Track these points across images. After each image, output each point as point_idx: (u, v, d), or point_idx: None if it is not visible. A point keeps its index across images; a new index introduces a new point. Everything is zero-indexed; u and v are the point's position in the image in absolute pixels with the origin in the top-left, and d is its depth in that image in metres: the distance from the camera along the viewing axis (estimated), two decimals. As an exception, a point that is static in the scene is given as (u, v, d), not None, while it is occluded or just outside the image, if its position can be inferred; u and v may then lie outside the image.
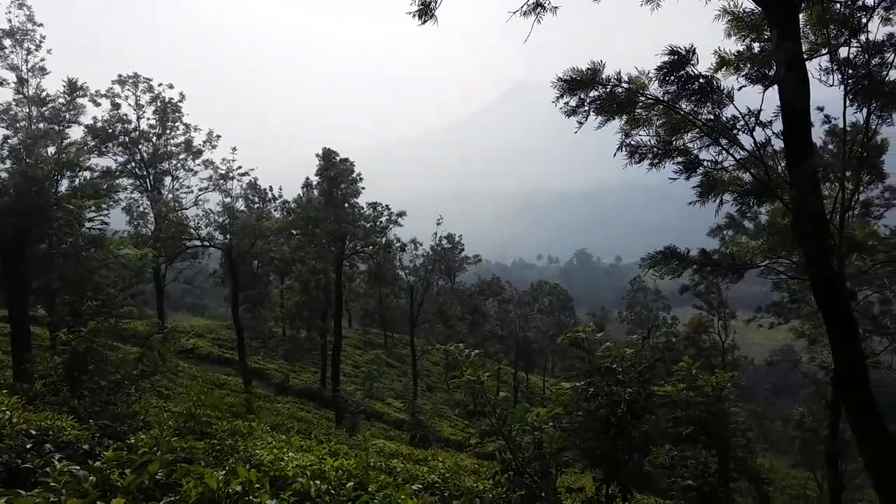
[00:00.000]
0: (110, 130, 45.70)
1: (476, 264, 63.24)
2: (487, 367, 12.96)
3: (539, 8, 12.40)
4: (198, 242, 38.83)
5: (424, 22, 12.78)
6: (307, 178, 47.54)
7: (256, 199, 55.92)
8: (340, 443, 20.75)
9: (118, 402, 12.21)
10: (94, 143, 45.08)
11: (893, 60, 10.50)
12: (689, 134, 11.80)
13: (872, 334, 19.04)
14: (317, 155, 42.12)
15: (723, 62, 12.06)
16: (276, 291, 60.28)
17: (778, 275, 15.45)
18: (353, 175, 42.27)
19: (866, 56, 10.47)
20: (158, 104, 47.49)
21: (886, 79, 10.54)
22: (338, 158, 41.69)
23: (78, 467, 5.13)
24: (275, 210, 54.64)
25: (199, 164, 47.59)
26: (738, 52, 12.21)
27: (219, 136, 48.54)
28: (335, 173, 40.74)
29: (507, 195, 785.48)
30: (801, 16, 11.43)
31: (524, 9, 12.42)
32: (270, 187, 57.98)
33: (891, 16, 10.72)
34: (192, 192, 46.39)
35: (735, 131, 10.90)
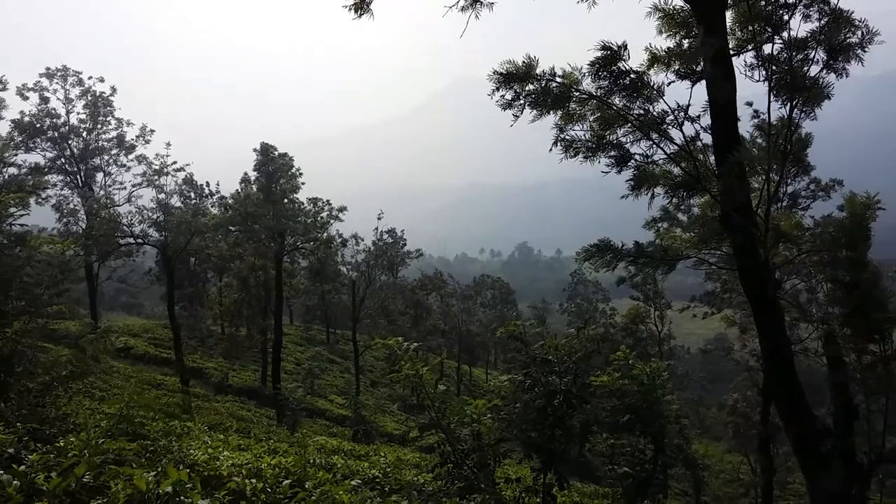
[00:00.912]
0: (38, 125, 44.07)
1: (418, 259, 63.19)
2: (429, 362, 13.01)
3: (476, 3, 12.50)
4: (131, 240, 37.79)
5: (360, 15, 12.73)
6: (245, 174, 46.72)
7: (193, 195, 54.73)
8: (281, 441, 20.51)
9: (47, 404, 11.81)
10: (20, 139, 43.46)
11: (815, 57, 10.88)
12: (622, 129, 12.03)
13: (799, 322, 19.74)
14: (255, 150, 41.47)
15: (654, 58, 12.32)
16: (214, 289, 59.15)
17: (709, 266, 15.89)
18: (293, 170, 41.73)
19: (789, 52, 10.83)
20: (89, 98, 45.98)
21: (808, 74, 10.91)
22: (276, 153, 41.11)
23: (1, 471, 4.97)
24: (212, 206, 53.59)
25: (132, 160, 46.33)
26: (669, 48, 12.50)
27: (152, 131, 47.33)
28: (273, 168, 40.17)
29: (449, 189, 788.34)
30: (728, 13, 11.77)
31: (462, 4, 12.50)
32: (207, 182, 56.72)
33: (811, 13, 11.11)
34: (125, 188, 45.19)
35: (665, 126, 11.15)
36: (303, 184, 42.39)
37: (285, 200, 40.58)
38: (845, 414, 12.70)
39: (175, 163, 38.07)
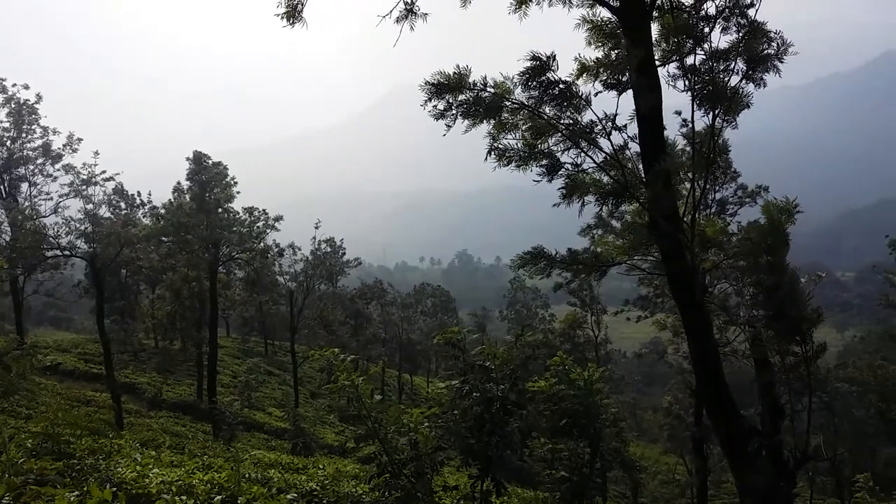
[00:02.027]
0: (-43, 135, 42.27)
1: (357, 268, 62.80)
2: (369, 371, 12.95)
3: (411, 14, 12.54)
4: (58, 252, 36.46)
5: (293, 24, 12.65)
6: (178, 183, 45.68)
7: (123, 205, 53.23)
8: (216, 456, 20.08)
9: (-35, 425, 11.31)
10: (-62, 149, 41.60)
11: (735, 67, 11.29)
12: (553, 138, 12.24)
13: (728, 325, 20.36)
14: (187, 158, 40.59)
15: (583, 69, 12.57)
16: (147, 301, 57.58)
17: (641, 272, 16.27)
18: (227, 179, 41.00)
19: (710, 63, 11.21)
20: (13, 106, 44.29)
21: (729, 84, 11.31)
22: (210, 161, 40.33)
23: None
24: (144, 216, 52.21)
25: (58, 170, 44.74)
26: (598, 59, 12.78)
27: (80, 140, 45.84)
28: (207, 177, 39.39)
29: (390, 197, 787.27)
30: (653, 25, 12.12)
31: (396, 15, 12.53)
32: (139, 192, 55.32)
33: (730, 25, 11.52)
34: (51, 198, 43.58)
35: (594, 135, 11.39)
36: (238, 192, 41.70)
37: (219, 210, 39.82)
38: (772, 413, 13.13)
39: (104, 172, 36.95)
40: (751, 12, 11.41)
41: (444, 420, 9.99)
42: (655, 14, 12.00)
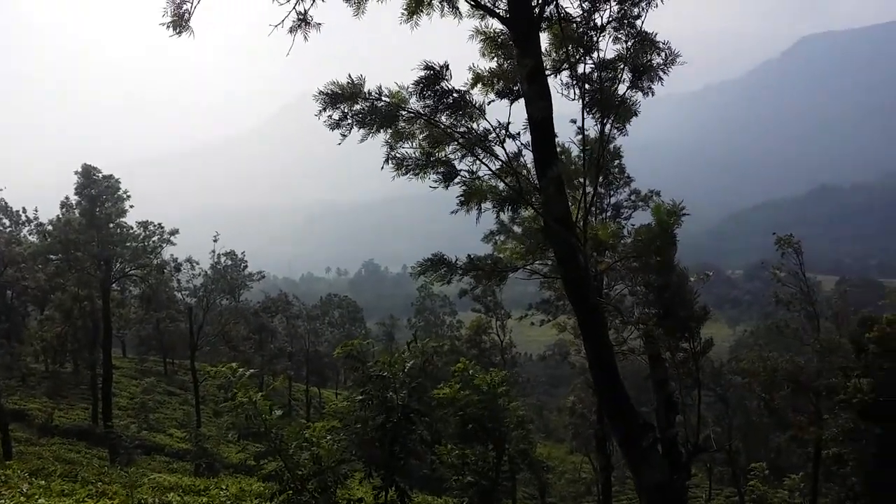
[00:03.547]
0: None
1: (260, 281, 61.41)
2: (272, 385, 12.68)
3: (304, 24, 12.40)
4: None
5: (180, 33, 12.32)
6: (66, 198, 43.51)
7: (7, 222, 50.33)
8: (112, 482, 19.17)
9: None
10: None
11: (622, 76, 11.72)
12: (450, 146, 12.36)
13: (624, 324, 21.08)
14: (76, 172, 38.74)
15: (478, 78, 12.75)
16: (35, 323, 54.49)
17: (539, 276, 16.62)
18: (119, 193, 39.41)
19: (600, 72, 11.60)
20: None
21: (618, 93, 11.73)
22: (100, 175, 38.64)
23: None
24: (30, 233, 49.48)
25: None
26: (491, 69, 13.00)
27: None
28: (97, 191, 37.70)
29: (293, 209, 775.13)
30: (544, 35, 12.44)
31: (290, 25, 12.36)
32: (24, 208, 52.46)
33: (619, 35, 11.95)
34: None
35: (489, 143, 11.57)
36: (131, 207, 40.17)
37: (111, 225, 38.21)
38: (666, 408, 13.65)
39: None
40: (638, 23, 11.85)
41: (345, 433, 9.91)
42: (544, 25, 12.31)
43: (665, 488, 11.42)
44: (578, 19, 12.22)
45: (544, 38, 12.51)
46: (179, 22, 12.07)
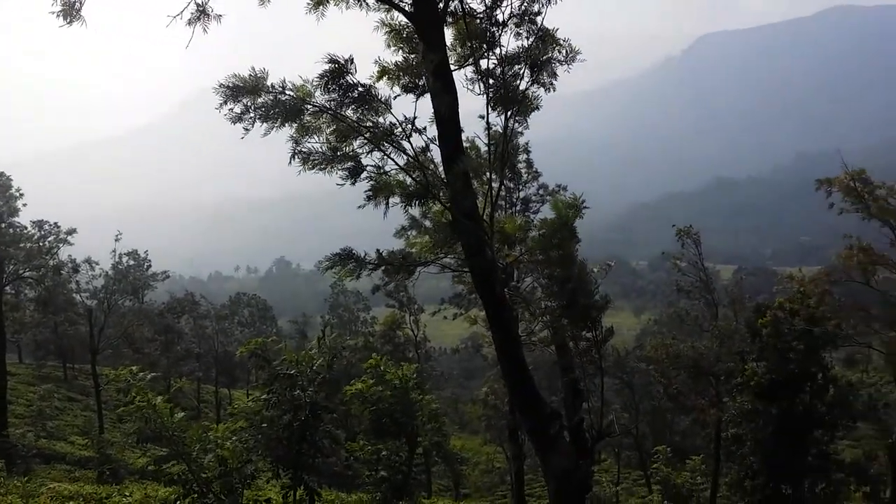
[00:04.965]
0: None
1: (166, 281, 59.40)
2: (175, 386, 12.31)
3: (203, 16, 12.02)
4: None
5: (70, 23, 11.81)
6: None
7: None
8: (8, 493, 18.22)
9: None
10: None
11: (524, 72, 11.93)
12: (357, 141, 12.27)
13: (532, 316, 21.51)
14: (-40, 169, 36.42)
15: (384, 72, 12.71)
16: (-83, 330, 50.96)
17: (448, 269, 16.77)
18: (11, 190, 37.30)
19: (502, 68, 11.76)
20: None
21: (519, 88, 11.94)
22: (-12, 172, 36.47)
23: None
24: None
25: None
26: (398, 63, 12.98)
27: None
28: (-15, 189, 35.60)
29: (199, 206, 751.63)
30: (449, 30, 12.50)
31: (189, 17, 11.95)
32: None
33: (521, 31, 12.15)
34: None
35: (396, 137, 11.56)
36: (24, 205, 38.08)
37: (2, 225, 36.11)
38: (573, 396, 14.02)
39: None
40: (539, 19, 12.08)
41: (250, 433, 9.73)
42: (450, 20, 12.38)
43: (571, 474, 11.74)
44: (482, 15, 12.36)
45: (449, 34, 12.60)
46: (70, 10, 11.57)
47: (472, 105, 13.27)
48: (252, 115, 11.20)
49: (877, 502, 33.27)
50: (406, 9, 11.55)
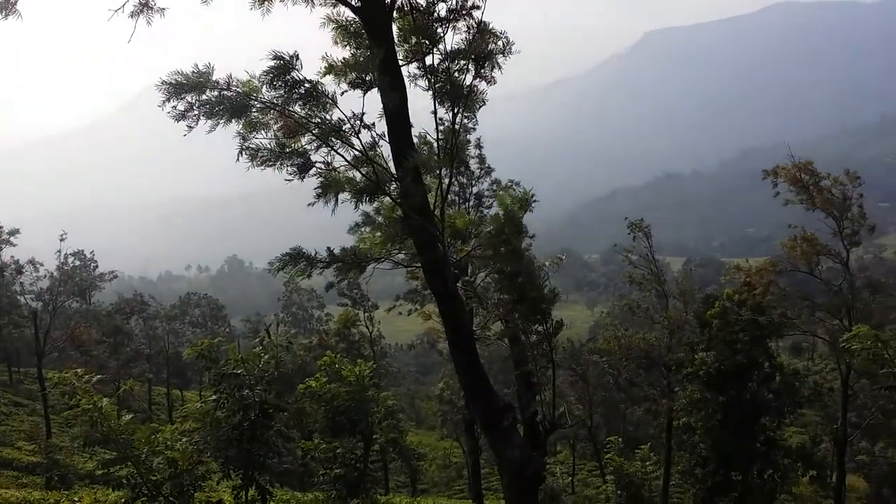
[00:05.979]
0: None
1: (114, 281, 58.10)
2: (123, 388, 12.06)
3: (146, 9, 11.76)
4: None
5: (6, 17, 11.48)
6: None
7: None
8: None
9: None
10: None
11: (468, 67, 11.99)
12: (305, 137, 12.17)
13: (485, 310, 21.64)
14: None
15: (330, 68, 12.60)
16: None
17: (401, 265, 16.78)
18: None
19: (447, 63, 11.81)
20: None
21: (464, 83, 12.00)
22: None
23: None
24: None
25: None
26: (345, 58, 12.90)
27: None
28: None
29: (149, 205, 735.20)
30: (396, 26, 12.47)
31: (130, 10, 11.67)
32: None
33: (460, 26, 12.19)
34: None
35: (343, 133, 11.50)
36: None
37: (-62, 227, 34.93)
38: (526, 389, 14.17)
39: None
40: (477, 14, 12.12)
41: (199, 434, 9.62)
42: (397, 15, 12.35)
43: (525, 466, 11.87)
44: (424, 11, 12.36)
45: (397, 29, 12.57)
46: (5, 4, 11.25)
47: (425, 101, 13.29)
48: (196, 112, 11.00)
49: (823, 486, 34.38)
50: (353, 3, 11.49)
